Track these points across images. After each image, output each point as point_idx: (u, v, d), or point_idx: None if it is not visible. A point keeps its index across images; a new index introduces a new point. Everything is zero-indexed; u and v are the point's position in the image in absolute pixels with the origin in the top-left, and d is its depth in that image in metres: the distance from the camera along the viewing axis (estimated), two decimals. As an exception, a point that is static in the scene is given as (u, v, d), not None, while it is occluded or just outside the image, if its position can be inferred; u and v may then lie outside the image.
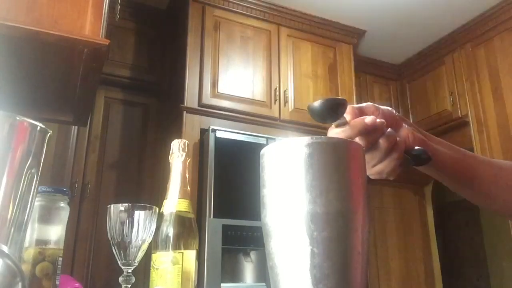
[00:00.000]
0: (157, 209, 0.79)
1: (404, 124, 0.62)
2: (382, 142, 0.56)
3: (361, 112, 0.58)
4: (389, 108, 0.63)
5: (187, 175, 0.82)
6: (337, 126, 0.56)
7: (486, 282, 4.15)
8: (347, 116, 0.57)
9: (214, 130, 2.31)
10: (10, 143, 0.44)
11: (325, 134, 0.56)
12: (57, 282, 0.75)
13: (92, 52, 1.21)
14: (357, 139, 0.56)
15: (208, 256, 2.08)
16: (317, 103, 0.52)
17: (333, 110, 0.53)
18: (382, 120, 0.58)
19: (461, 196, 0.73)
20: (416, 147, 0.60)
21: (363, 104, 0.60)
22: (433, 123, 3.21)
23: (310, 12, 2.92)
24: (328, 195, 0.45)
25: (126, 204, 0.75)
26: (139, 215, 0.75)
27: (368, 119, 0.56)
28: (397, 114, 0.64)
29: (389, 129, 0.58)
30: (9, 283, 0.41)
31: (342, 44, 3.06)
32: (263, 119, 2.57)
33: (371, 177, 0.61)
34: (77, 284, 0.94)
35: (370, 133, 0.56)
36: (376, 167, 0.59)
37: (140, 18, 2.89)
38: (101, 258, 2.38)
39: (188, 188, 0.82)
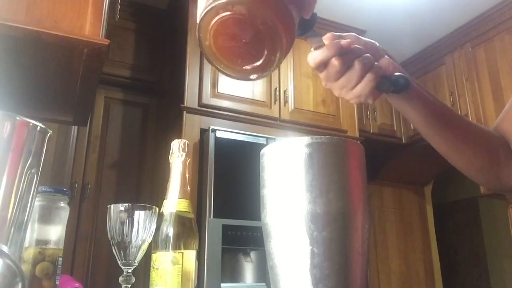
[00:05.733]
0: (157, 209, 0.79)
1: (386, 56, 0.65)
2: (357, 62, 0.59)
3: (340, 38, 0.61)
4: (373, 41, 0.66)
5: (187, 175, 0.82)
6: (315, 49, 0.60)
7: (486, 281, 4.14)
8: (326, 40, 0.59)
9: (214, 130, 2.31)
10: (10, 143, 0.44)
11: (326, 134, 0.56)
12: (57, 282, 0.75)
13: (92, 52, 1.21)
14: (333, 60, 0.58)
15: (208, 256, 2.08)
16: None
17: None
18: (360, 46, 0.61)
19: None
20: (396, 73, 0.63)
21: (345, 34, 0.63)
22: (433, 123, 3.20)
23: (310, 12, 2.91)
24: (328, 195, 0.45)
25: (126, 204, 0.75)
26: (139, 215, 0.75)
27: (344, 41, 0.59)
28: (380, 47, 0.66)
29: (367, 54, 0.60)
30: (9, 283, 0.41)
31: (342, 44, 3.05)
32: (263, 119, 2.57)
33: (351, 101, 0.63)
34: (77, 284, 0.94)
35: (346, 54, 0.59)
36: (354, 89, 0.61)
37: (140, 18, 2.89)
38: (101, 258, 2.38)
39: (188, 188, 0.82)
